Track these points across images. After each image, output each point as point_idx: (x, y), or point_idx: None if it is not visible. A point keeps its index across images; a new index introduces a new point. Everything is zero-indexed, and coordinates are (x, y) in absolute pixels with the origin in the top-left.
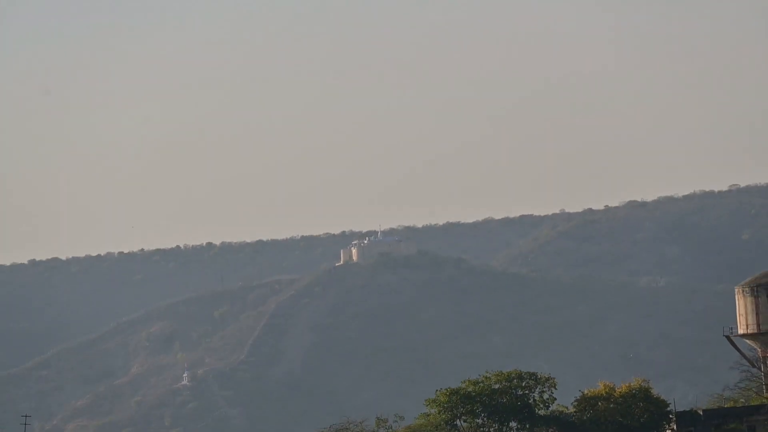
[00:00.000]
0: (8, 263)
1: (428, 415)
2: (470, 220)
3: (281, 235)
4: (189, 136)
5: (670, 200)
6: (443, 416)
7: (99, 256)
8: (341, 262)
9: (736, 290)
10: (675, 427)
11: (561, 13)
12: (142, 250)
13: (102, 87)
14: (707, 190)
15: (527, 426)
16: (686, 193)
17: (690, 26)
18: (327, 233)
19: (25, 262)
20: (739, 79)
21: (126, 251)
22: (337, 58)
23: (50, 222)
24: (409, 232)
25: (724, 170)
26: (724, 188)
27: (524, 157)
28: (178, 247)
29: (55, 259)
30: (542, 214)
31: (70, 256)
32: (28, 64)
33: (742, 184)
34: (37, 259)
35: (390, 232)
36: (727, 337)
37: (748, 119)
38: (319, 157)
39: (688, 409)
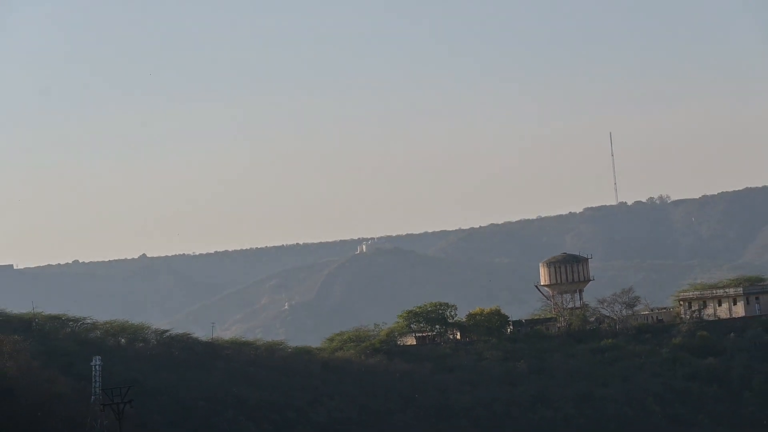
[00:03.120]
0: (204, 253)
1: (398, 322)
2: (418, 232)
3: (330, 239)
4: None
5: (510, 223)
6: (404, 323)
7: (243, 249)
8: (357, 252)
9: (540, 264)
10: (512, 327)
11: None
12: (266, 246)
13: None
14: (522, 219)
15: (444, 327)
16: (518, 219)
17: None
18: (351, 238)
19: (212, 252)
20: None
21: (259, 246)
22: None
23: (223, 227)
24: (390, 238)
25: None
26: (534, 217)
27: (442, 194)
28: (282, 245)
29: (226, 251)
30: (450, 230)
31: (232, 249)
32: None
33: (543, 215)
34: (219, 250)
35: (380, 238)
36: (536, 286)
37: (547, 166)
38: (342, 192)
39: (515, 319)
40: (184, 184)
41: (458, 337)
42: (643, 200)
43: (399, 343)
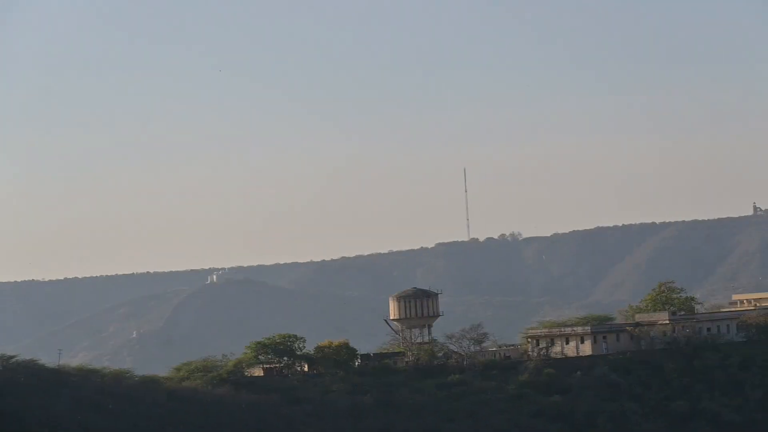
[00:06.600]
0: (53, 279)
1: (246, 353)
2: (269, 263)
3: (181, 268)
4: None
5: (362, 256)
6: (252, 354)
7: (92, 277)
8: (208, 282)
9: (389, 298)
10: (360, 360)
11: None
12: (116, 274)
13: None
14: (374, 252)
15: (292, 359)
16: (370, 252)
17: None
18: (202, 268)
19: (62, 278)
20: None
21: (109, 274)
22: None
23: (72, 254)
24: (241, 269)
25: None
26: (386, 251)
27: (294, 226)
28: (133, 273)
29: (75, 278)
30: (302, 261)
31: (81, 276)
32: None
33: (395, 250)
34: (68, 277)
35: (232, 268)
36: (385, 320)
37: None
38: (193, 221)
39: (364, 353)
40: (33, 212)
41: (306, 369)
42: (495, 237)
43: (247, 374)
